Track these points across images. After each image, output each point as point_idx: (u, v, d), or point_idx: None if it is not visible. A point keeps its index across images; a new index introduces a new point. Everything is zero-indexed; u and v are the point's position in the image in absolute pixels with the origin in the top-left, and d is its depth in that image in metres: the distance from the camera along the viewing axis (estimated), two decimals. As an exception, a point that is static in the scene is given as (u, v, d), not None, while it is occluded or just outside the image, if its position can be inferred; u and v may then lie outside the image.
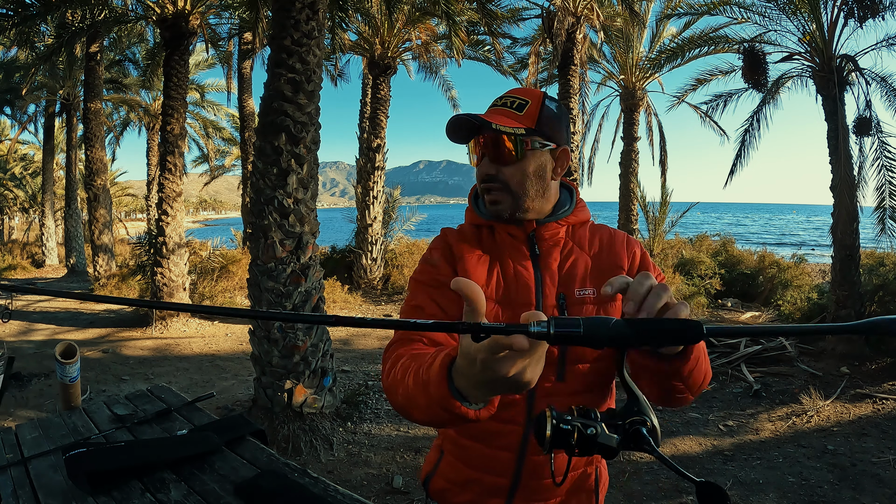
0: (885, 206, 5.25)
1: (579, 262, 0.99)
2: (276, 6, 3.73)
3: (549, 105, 0.97)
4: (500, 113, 0.95)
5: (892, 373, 4.49)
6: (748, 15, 5.84)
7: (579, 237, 1.02)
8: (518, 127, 0.92)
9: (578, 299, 0.95)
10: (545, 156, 0.97)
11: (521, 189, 0.96)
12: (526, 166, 0.95)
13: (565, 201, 1.05)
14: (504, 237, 1.00)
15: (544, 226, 0.99)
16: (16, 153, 22.34)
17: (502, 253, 1.00)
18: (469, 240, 1.02)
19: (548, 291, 0.96)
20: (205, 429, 1.55)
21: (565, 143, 0.99)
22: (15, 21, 6.62)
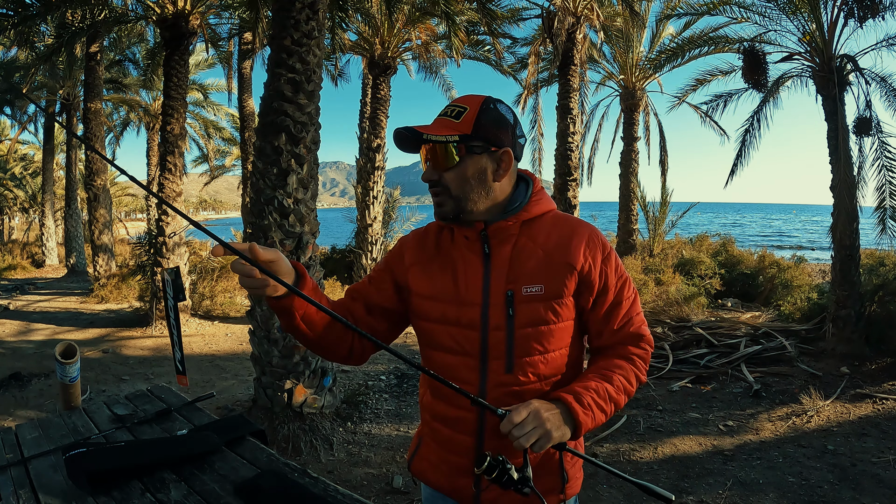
0: (885, 206, 5.25)
1: (530, 257, 1.02)
2: (276, 6, 3.73)
3: (490, 109, 1.00)
4: (439, 123, 1.00)
5: (892, 373, 4.49)
6: (748, 15, 5.84)
7: (534, 231, 1.04)
8: (452, 134, 0.97)
9: (526, 296, 1.00)
10: (484, 159, 1.01)
11: (462, 192, 1.01)
12: (464, 170, 1.00)
13: (519, 196, 1.07)
14: (460, 238, 1.07)
15: (493, 224, 1.03)
16: (16, 153, 22.34)
17: (458, 254, 1.06)
18: (427, 242, 1.11)
19: (495, 289, 1.01)
20: (205, 429, 1.55)
21: (509, 144, 1.02)
22: (15, 21, 6.62)
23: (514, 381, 1.01)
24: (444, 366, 1.06)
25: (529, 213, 1.04)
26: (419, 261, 1.10)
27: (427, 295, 1.08)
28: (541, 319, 1.00)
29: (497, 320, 1.00)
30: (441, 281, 1.06)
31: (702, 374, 4.69)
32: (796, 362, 4.83)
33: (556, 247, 1.02)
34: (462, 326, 1.03)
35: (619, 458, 3.26)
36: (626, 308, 1.06)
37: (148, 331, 6.72)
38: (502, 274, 1.01)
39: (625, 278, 1.07)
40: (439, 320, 1.06)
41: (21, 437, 1.55)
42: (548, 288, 1.00)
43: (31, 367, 5.12)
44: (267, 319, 3.57)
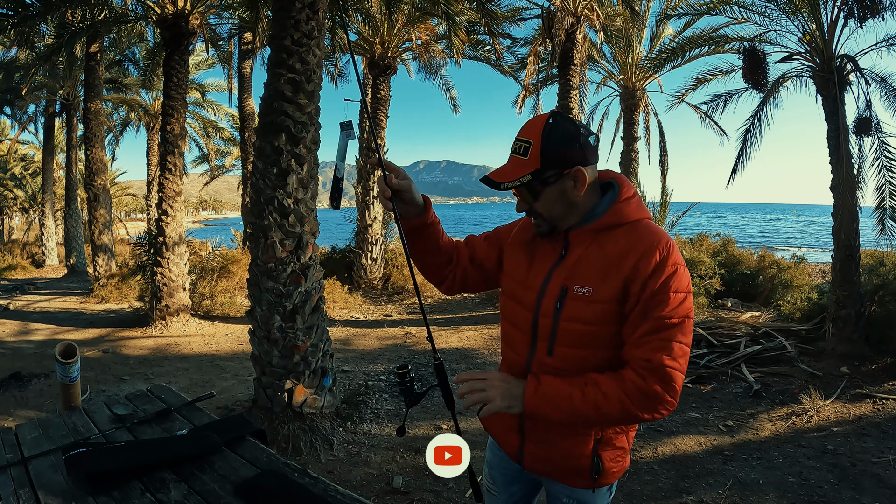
0: (885, 206, 5.24)
1: (594, 263, 1.11)
2: (276, 6, 3.73)
3: (552, 134, 1.07)
4: (512, 163, 1.11)
5: (892, 373, 4.49)
6: (748, 15, 5.84)
7: (606, 239, 1.12)
8: (524, 175, 1.08)
9: (575, 295, 1.10)
10: (561, 183, 1.10)
11: (552, 215, 1.14)
12: (547, 199, 1.11)
13: (602, 204, 1.15)
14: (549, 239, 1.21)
15: (572, 232, 1.16)
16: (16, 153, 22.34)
17: (542, 248, 1.21)
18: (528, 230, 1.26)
19: (554, 282, 1.14)
20: (205, 429, 1.55)
21: (580, 159, 1.09)
22: (15, 21, 6.62)
23: (553, 363, 1.13)
24: (508, 335, 1.25)
25: (604, 222, 1.12)
26: (517, 241, 1.27)
27: (508, 273, 1.26)
28: (583, 318, 1.09)
29: (548, 308, 1.13)
30: (521, 265, 1.22)
31: (702, 374, 4.69)
32: (796, 362, 4.83)
33: (617, 256, 1.09)
34: (523, 306, 1.19)
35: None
36: (653, 325, 1.03)
37: (148, 331, 6.71)
38: (564, 271, 1.14)
39: (669, 297, 1.03)
40: (510, 296, 1.24)
41: (21, 437, 1.55)
42: (595, 291, 1.08)
43: (31, 367, 5.12)
44: (267, 319, 3.57)
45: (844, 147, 4.98)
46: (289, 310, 3.56)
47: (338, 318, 7.49)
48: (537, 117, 1.10)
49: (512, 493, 1.37)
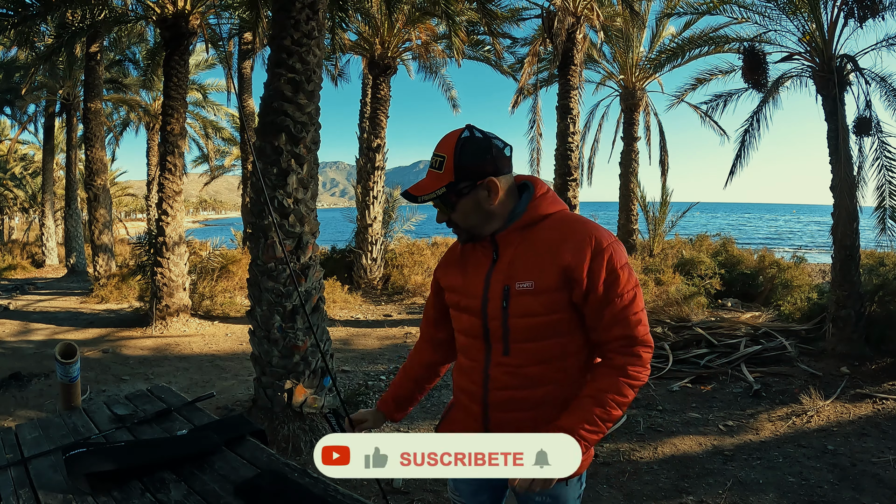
0: (885, 206, 5.24)
1: (528, 258, 1.16)
2: (276, 6, 3.73)
3: (465, 148, 1.13)
4: (429, 177, 1.17)
5: (892, 373, 4.48)
6: (748, 15, 5.84)
7: (534, 234, 1.18)
8: (440, 188, 1.14)
9: (519, 291, 1.14)
10: (475, 194, 1.15)
11: (469, 224, 1.19)
12: (463, 209, 1.17)
13: (520, 205, 1.20)
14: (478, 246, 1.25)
15: (498, 235, 1.20)
16: (16, 153, 22.33)
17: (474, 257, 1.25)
18: (454, 252, 1.33)
19: (494, 284, 1.18)
20: (205, 429, 1.55)
21: (492, 170, 1.15)
22: (15, 21, 6.62)
23: (511, 362, 1.17)
24: (463, 345, 1.28)
25: (525, 220, 1.18)
26: (447, 262, 1.34)
27: (449, 287, 1.30)
28: (531, 311, 1.13)
29: (494, 311, 1.17)
30: (460, 276, 1.26)
31: (702, 374, 4.69)
32: (796, 362, 4.83)
33: (550, 247, 1.14)
34: (470, 314, 1.22)
35: (619, 458, 3.26)
36: (618, 306, 1.12)
37: (148, 331, 6.71)
38: (502, 272, 1.17)
39: (617, 276, 1.11)
40: (456, 308, 1.27)
41: (21, 437, 1.55)
42: (538, 283, 1.13)
43: (31, 367, 5.12)
44: (267, 319, 3.57)
45: (844, 147, 4.98)
46: (289, 310, 3.56)
47: (338, 318, 7.49)
48: (452, 132, 1.16)
49: (481, 501, 1.37)
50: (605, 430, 1.11)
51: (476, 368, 1.22)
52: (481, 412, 1.22)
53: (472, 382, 1.23)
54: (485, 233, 1.20)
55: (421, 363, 1.43)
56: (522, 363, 1.16)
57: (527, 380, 1.16)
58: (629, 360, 1.12)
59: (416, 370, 1.43)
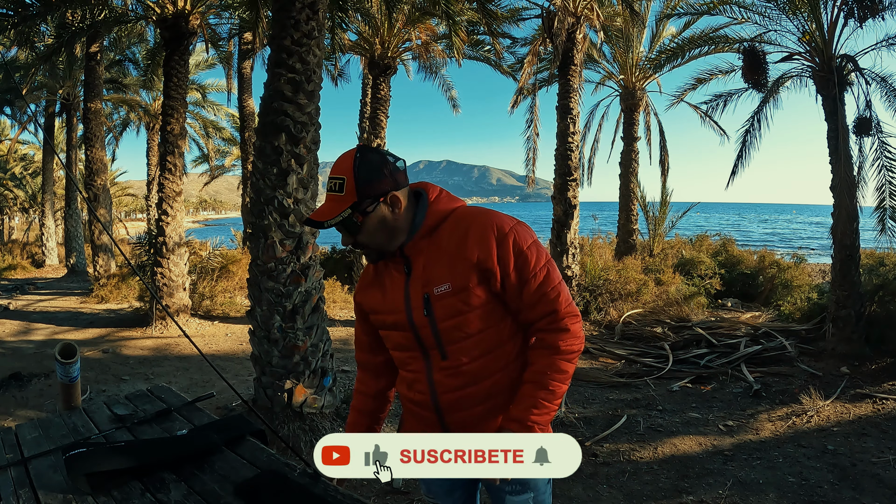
0: (885, 206, 5.24)
1: (439, 262, 1.16)
2: (276, 6, 3.73)
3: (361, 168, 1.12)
4: (330, 200, 1.15)
5: (892, 373, 4.48)
6: (748, 15, 5.84)
7: (439, 238, 1.18)
8: (344, 210, 1.12)
9: (438, 295, 1.15)
10: (379, 210, 1.15)
11: (376, 243, 1.18)
12: (368, 229, 1.16)
13: (419, 212, 1.20)
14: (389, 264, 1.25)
15: (406, 247, 1.19)
16: (16, 153, 22.34)
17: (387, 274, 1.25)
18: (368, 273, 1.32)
19: (414, 295, 1.18)
20: (205, 429, 1.55)
21: (391, 185, 1.14)
22: (15, 21, 6.62)
23: (451, 364, 1.18)
24: (400, 360, 1.28)
25: (427, 226, 1.18)
26: (364, 286, 1.33)
27: (374, 309, 1.29)
28: (456, 311, 1.15)
29: (420, 320, 1.17)
30: (379, 296, 1.26)
31: (702, 374, 4.69)
32: (796, 362, 4.83)
33: (456, 246, 1.15)
34: (400, 329, 1.22)
35: (619, 458, 3.26)
36: (533, 286, 1.14)
37: (148, 331, 6.71)
38: (418, 282, 1.18)
39: (526, 257, 1.14)
40: (384, 326, 1.27)
41: (21, 437, 1.55)
42: (454, 284, 1.14)
43: (31, 367, 5.12)
44: (267, 319, 3.57)
45: (844, 147, 4.98)
46: (289, 310, 3.56)
47: (338, 318, 7.49)
48: (345, 154, 1.16)
49: (455, 500, 1.38)
50: (554, 407, 1.14)
51: (420, 378, 1.23)
52: (436, 418, 1.23)
53: (418, 392, 1.24)
54: (392, 248, 1.19)
55: (368, 395, 1.40)
56: (463, 362, 1.17)
57: (471, 377, 1.18)
58: (559, 336, 1.14)
59: (367, 404, 1.40)
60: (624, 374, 4.78)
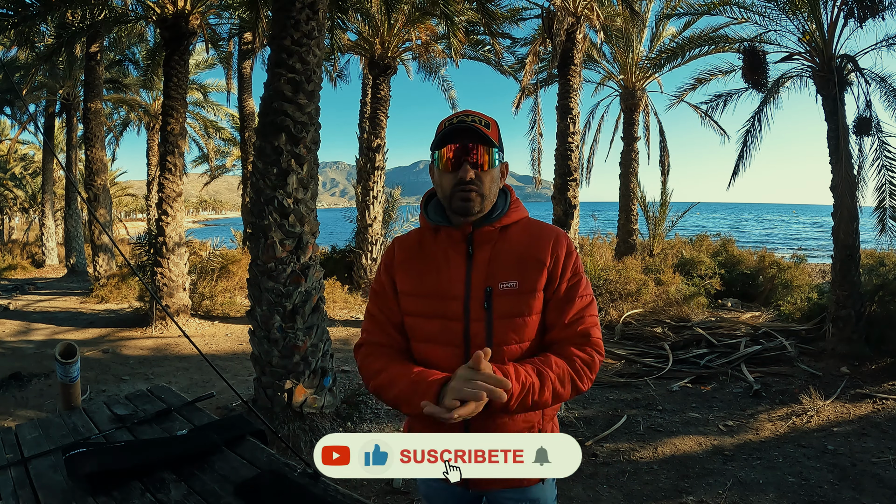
0: (885, 206, 5.25)
1: (506, 257, 1.14)
2: (276, 6, 3.73)
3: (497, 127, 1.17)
4: (477, 129, 1.11)
5: (892, 373, 4.48)
6: (748, 15, 5.84)
7: (509, 235, 1.17)
8: (493, 142, 1.13)
9: (502, 291, 1.12)
10: (500, 168, 1.18)
11: (489, 192, 1.15)
12: (495, 174, 1.16)
13: (500, 204, 1.20)
14: (444, 238, 1.18)
15: (480, 229, 1.16)
16: (16, 153, 22.33)
17: (441, 253, 1.18)
18: (412, 246, 1.22)
19: (476, 284, 1.13)
20: (205, 429, 1.55)
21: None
22: (15, 21, 6.62)
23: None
24: (431, 356, 1.15)
25: (509, 219, 1.18)
26: (405, 260, 1.21)
27: (413, 291, 1.18)
28: (516, 311, 1.12)
29: (477, 312, 1.12)
30: (427, 278, 1.17)
31: (702, 374, 4.69)
32: (796, 362, 4.83)
33: (528, 247, 1.15)
34: (447, 318, 1.13)
35: (619, 458, 3.26)
36: (579, 305, 1.15)
37: (148, 331, 6.71)
38: (482, 272, 1.13)
39: (581, 278, 1.17)
40: (425, 314, 1.16)
41: (21, 437, 1.55)
42: (522, 283, 1.12)
43: (31, 367, 5.12)
44: (267, 319, 3.57)
45: (844, 147, 4.98)
46: (289, 310, 3.56)
47: (338, 318, 7.49)
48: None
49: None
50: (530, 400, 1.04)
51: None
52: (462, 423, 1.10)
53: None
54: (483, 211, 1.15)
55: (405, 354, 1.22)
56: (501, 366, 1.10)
57: None
58: (583, 358, 1.12)
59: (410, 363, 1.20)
60: (624, 374, 4.78)
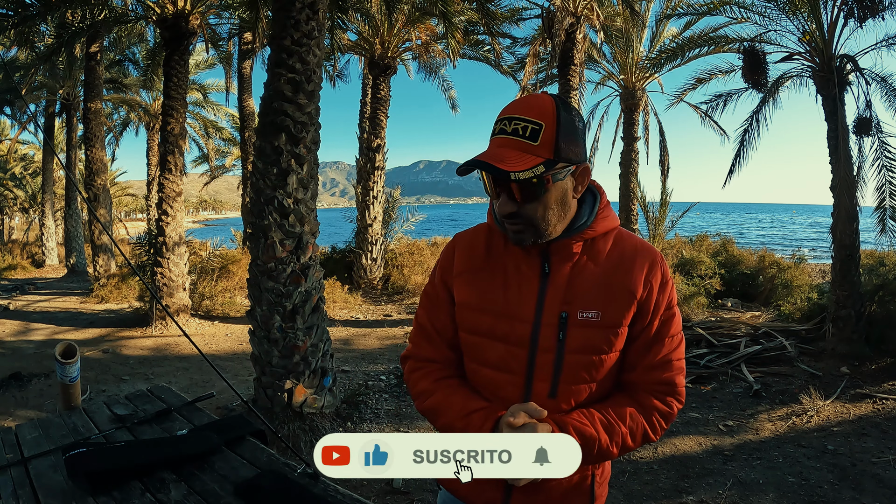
0: (885, 206, 5.25)
1: (590, 280, 0.94)
2: (276, 6, 3.73)
3: (565, 119, 0.88)
4: (515, 147, 0.88)
5: (892, 373, 4.49)
6: (748, 15, 5.84)
7: (597, 251, 0.96)
8: (537, 165, 0.86)
9: (581, 321, 0.93)
10: (566, 181, 0.91)
11: (543, 220, 0.92)
12: (548, 200, 0.90)
13: (585, 211, 0.98)
14: (519, 253, 0.98)
15: (557, 243, 0.95)
16: (16, 153, 22.33)
17: (512, 265, 0.98)
18: (477, 251, 1.02)
19: (550, 308, 0.94)
20: (205, 429, 1.55)
21: (584, 156, 0.92)
22: (15, 21, 6.62)
23: (556, 406, 0.95)
24: (488, 381, 1.01)
25: (595, 231, 0.96)
26: (468, 269, 1.02)
27: (475, 306, 1.00)
28: (593, 347, 0.94)
29: (547, 342, 0.94)
30: (492, 292, 0.98)
31: (702, 374, 4.69)
32: (796, 362, 4.83)
33: (618, 270, 0.95)
34: (510, 343, 0.97)
35: (619, 459, 3.26)
36: (668, 347, 0.97)
37: (148, 331, 6.71)
38: (559, 294, 0.94)
39: (674, 314, 0.98)
40: (486, 334, 0.99)
41: (21, 437, 1.55)
42: (605, 315, 0.93)
43: (31, 367, 5.12)
44: (267, 319, 3.57)
45: (844, 147, 4.98)
46: (289, 310, 3.56)
47: (338, 318, 7.49)
48: (537, 96, 0.91)
49: None
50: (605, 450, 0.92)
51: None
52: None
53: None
54: (546, 237, 0.93)
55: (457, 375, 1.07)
56: (568, 407, 0.96)
57: None
58: (662, 410, 0.96)
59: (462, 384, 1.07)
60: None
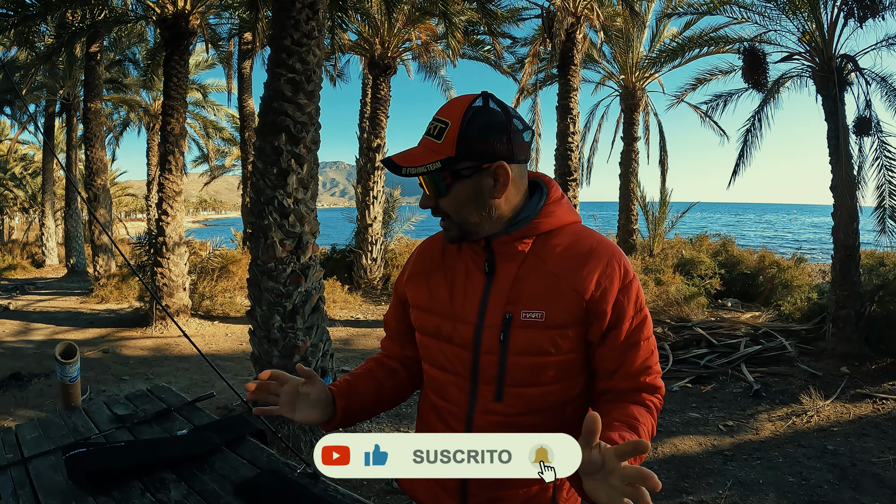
0: (885, 206, 5.25)
1: (536, 279, 0.92)
2: (276, 6, 3.73)
3: (476, 117, 0.87)
4: (423, 146, 0.90)
5: (892, 373, 4.49)
6: (748, 15, 5.84)
7: (548, 248, 0.93)
8: (433, 161, 0.87)
9: (524, 322, 0.90)
10: (477, 179, 0.89)
11: (461, 218, 0.92)
12: (458, 196, 0.90)
13: (530, 207, 0.95)
14: (466, 250, 0.99)
15: (496, 240, 0.94)
16: (16, 153, 22.34)
17: (461, 266, 0.98)
18: (433, 253, 1.04)
19: (493, 309, 0.92)
20: (205, 429, 1.55)
21: (504, 153, 0.88)
22: (15, 21, 6.62)
23: (502, 410, 0.93)
24: (437, 383, 1.01)
25: (539, 227, 0.93)
26: (421, 271, 1.04)
27: (423, 307, 1.01)
28: (538, 349, 0.91)
29: (490, 343, 0.92)
30: (439, 293, 0.99)
31: (702, 374, 4.69)
32: (796, 362, 4.83)
33: (568, 269, 0.91)
34: (455, 344, 0.96)
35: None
36: (644, 351, 0.94)
37: (148, 331, 6.71)
38: (503, 294, 0.92)
39: (645, 316, 0.94)
40: (434, 335, 0.99)
41: (21, 437, 1.55)
42: (549, 315, 0.90)
43: (31, 367, 5.12)
44: (267, 319, 3.57)
45: (844, 147, 4.98)
46: (289, 310, 3.56)
47: (338, 318, 7.49)
48: (462, 97, 0.91)
49: None
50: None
51: (457, 415, 0.97)
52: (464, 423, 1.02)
53: (450, 430, 0.99)
54: (480, 233, 0.93)
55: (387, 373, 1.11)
56: (517, 411, 0.93)
57: (520, 431, 0.88)
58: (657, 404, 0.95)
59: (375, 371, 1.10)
60: (624, 374, 4.78)
